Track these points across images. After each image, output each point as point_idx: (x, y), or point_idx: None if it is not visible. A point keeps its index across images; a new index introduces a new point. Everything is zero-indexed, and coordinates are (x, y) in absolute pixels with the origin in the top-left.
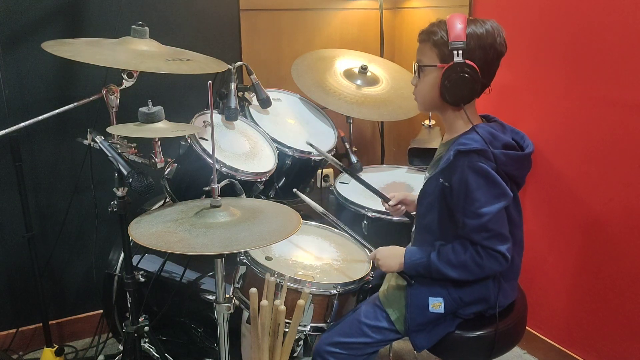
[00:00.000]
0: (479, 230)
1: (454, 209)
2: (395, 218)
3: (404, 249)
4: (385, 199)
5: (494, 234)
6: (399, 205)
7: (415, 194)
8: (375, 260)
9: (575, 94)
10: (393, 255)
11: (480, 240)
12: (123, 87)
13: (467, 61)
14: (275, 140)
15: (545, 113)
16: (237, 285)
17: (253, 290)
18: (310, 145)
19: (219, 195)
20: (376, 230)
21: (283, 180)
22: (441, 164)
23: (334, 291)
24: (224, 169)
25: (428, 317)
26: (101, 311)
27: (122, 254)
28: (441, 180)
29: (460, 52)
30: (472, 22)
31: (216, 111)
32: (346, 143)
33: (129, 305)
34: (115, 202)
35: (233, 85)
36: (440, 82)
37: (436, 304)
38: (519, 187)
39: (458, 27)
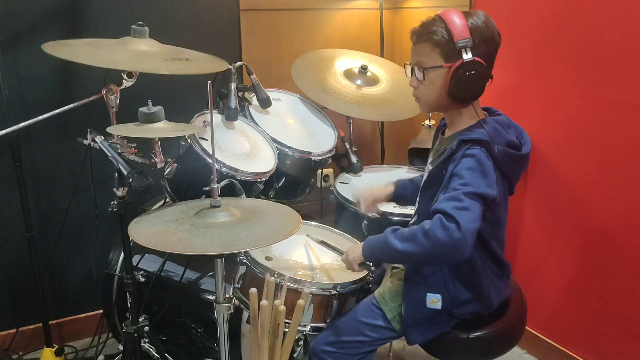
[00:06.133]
0: (450, 199)
1: None
2: (395, 218)
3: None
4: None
5: (464, 206)
6: (371, 207)
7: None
8: (345, 257)
9: (576, 94)
10: (356, 247)
11: (444, 208)
12: (123, 87)
13: (475, 58)
14: (275, 140)
15: (546, 113)
16: (237, 285)
17: (253, 290)
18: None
19: (219, 195)
20: (376, 231)
21: (283, 180)
22: (445, 155)
23: (333, 291)
24: (224, 169)
25: (425, 312)
26: (101, 311)
27: (122, 254)
28: (444, 171)
29: (468, 49)
30: (469, 15)
31: (216, 111)
32: (346, 143)
33: (129, 305)
34: (115, 202)
35: (233, 85)
36: (450, 82)
37: (434, 300)
38: (511, 185)
39: (459, 24)
